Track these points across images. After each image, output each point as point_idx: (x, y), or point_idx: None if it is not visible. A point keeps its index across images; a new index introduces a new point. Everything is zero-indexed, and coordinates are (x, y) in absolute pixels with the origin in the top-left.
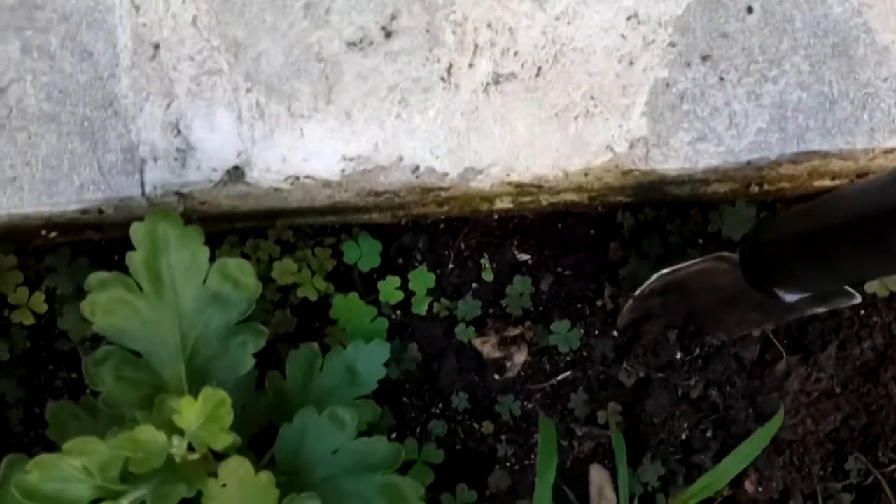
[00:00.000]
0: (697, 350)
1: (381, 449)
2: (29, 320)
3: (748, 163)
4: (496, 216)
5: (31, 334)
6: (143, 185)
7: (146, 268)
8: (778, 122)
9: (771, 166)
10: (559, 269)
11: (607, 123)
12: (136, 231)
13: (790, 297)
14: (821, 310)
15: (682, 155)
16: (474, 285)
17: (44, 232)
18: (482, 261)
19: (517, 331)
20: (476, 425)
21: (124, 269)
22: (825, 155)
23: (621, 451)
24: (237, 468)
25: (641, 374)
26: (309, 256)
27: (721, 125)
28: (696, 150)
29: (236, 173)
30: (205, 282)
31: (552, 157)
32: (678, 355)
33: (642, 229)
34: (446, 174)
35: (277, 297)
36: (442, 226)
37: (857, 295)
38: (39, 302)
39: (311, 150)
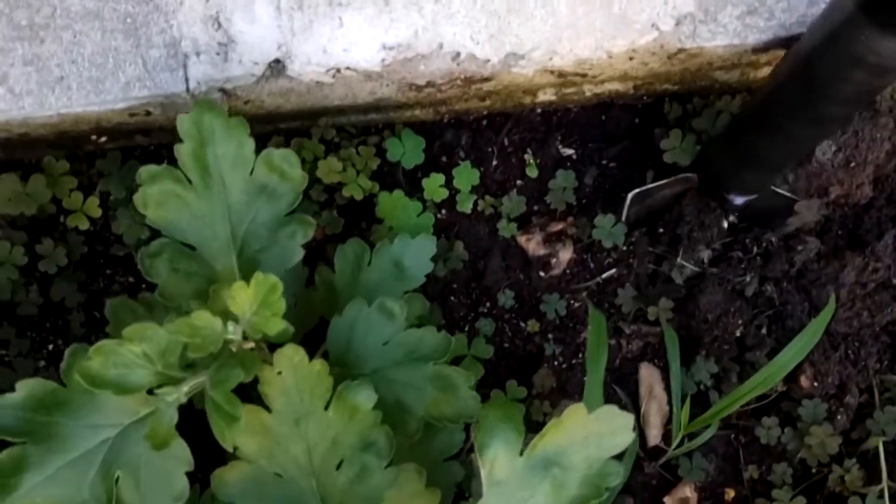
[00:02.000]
0: (752, 245)
1: (431, 339)
2: (84, 225)
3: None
4: (539, 110)
5: (87, 239)
6: (187, 80)
7: (194, 160)
8: None
9: None
10: (604, 162)
11: (652, 0)
12: (183, 122)
13: (738, 200)
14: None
15: (730, 30)
16: (519, 182)
17: (94, 137)
18: (526, 156)
19: (561, 226)
20: (523, 324)
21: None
22: None
23: (674, 347)
24: (292, 356)
25: (692, 269)
26: (353, 155)
27: None
28: (745, 24)
29: (278, 66)
30: (252, 173)
31: (595, 37)
32: (731, 252)
33: (689, 117)
34: (487, 60)
35: (323, 199)
36: (485, 122)
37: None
38: (94, 206)
39: (351, 40)
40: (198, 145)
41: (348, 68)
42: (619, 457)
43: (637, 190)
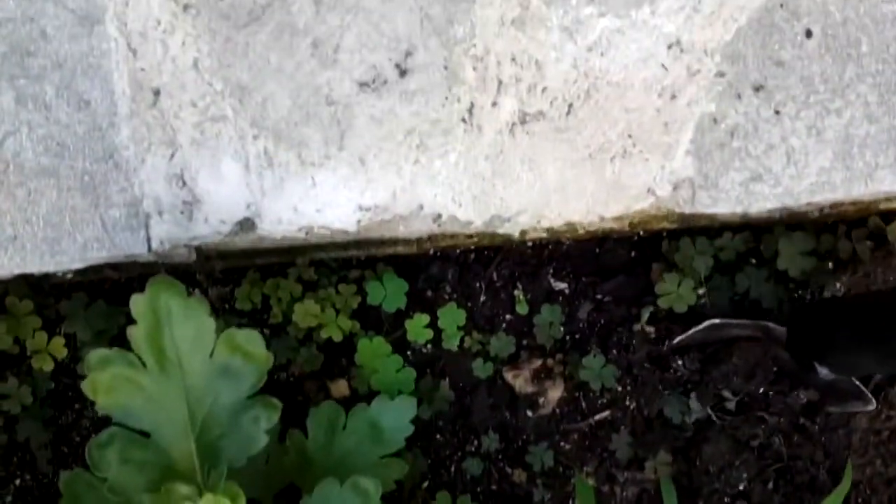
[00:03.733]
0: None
1: None
2: (49, 365)
3: (808, 204)
4: (530, 244)
5: (53, 374)
6: (148, 240)
7: (149, 342)
8: (843, 159)
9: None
10: (598, 296)
11: (648, 164)
12: (137, 303)
13: (827, 376)
14: (835, 409)
15: (733, 197)
16: (508, 317)
17: (59, 273)
18: (516, 292)
19: (549, 363)
20: (510, 469)
21: None
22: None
23: (671, 500)
24: None
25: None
26: (332, 295)
27: (778, 164)
28: (749, 191)
29: (247, 224)
30: (212, 355)
31: (586, 202)
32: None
33: (689, 253)
34: (470, 222)
35: (302, 335)
36: (472, 256)
37: (873, 400)
38: (59, 346)
39: (325, 201)
40: (153, 327)
41: (322, 227)
42: None
43: (716, 321)
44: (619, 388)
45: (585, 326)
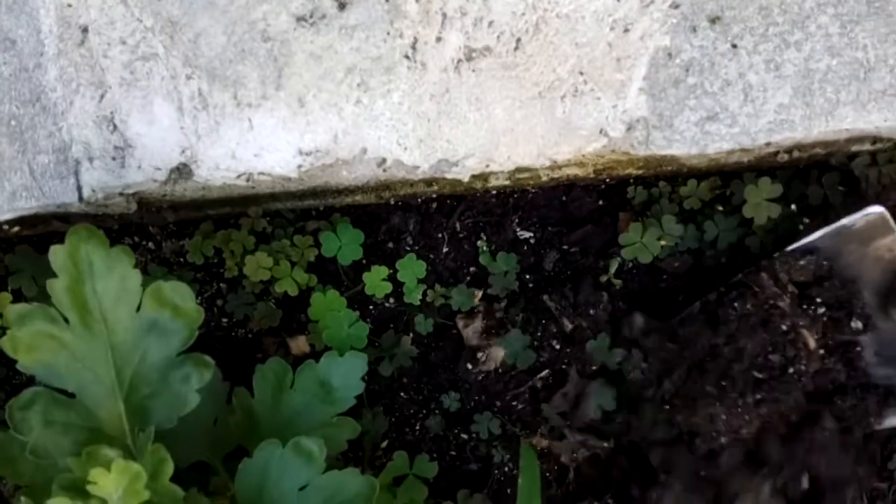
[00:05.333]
0: None
1: (353, 484)
2: None
3: (767, 144)
4: (494, 192)
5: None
6: (79, 189)
7: (71, 296)
8: (802, 95)
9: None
10: (565, 246)
11: (599, 103)
12: (56, 255)
13: None
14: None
15: (688, 138)
16: (472, 269)
17: (5, 227)
18: (479, 242)
19: (500, 315)
20: (469, 426)
21: None
22: (860, 134)
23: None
24: None
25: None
26: (287, 247)
27: (735, 101)
28: (704, 131)
29: (183, 171)
30: (138, 309)
31: (537, 144)
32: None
33: (653, 201)
34: (417, 167)
35: (259, 289)
36: (434, 206)
37: None
38: (6, 303)
39: (263, 145)
40: (74, 280)
41: (262, 173)
42: None
43: None
44: (573, 339)
45: (552, 276)
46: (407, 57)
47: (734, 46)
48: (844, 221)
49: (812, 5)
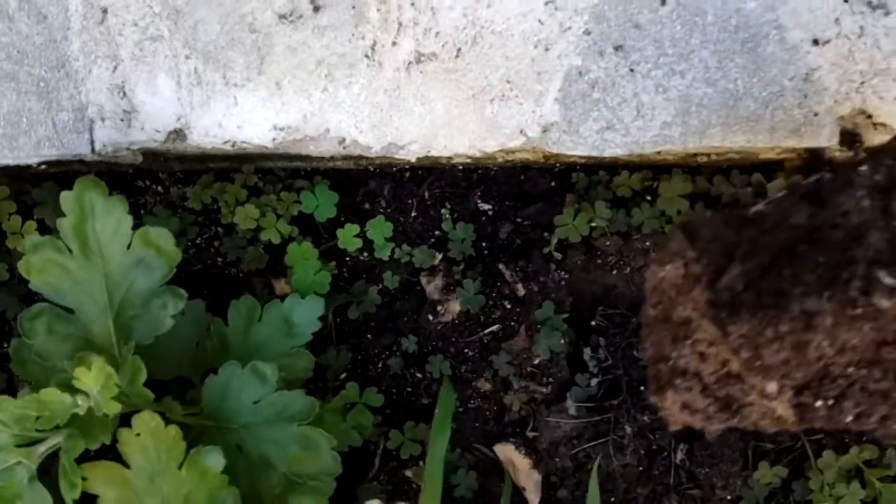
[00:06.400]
0: None
1: (299, 402)
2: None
3: (658, 153)
4: (461, 167)
5: None
6: (92, 143)
7: (75, 232)
8: (682, 115)
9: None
10: (519, 220)
11: (521, 108)
12: (65, 199)
13: None
14: None
15: (590, 142)
16: (437, 233)
17: (34, 165)
18: (443, 210)
19: (463, 276)
20: (426, 368)
21: None
22: (727, 151)
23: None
24: (149, 421)
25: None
26: (274, 201)
27: (629, 116)
28: (603, 138)
29: (178, 135)
30: (129, 247)
31: (469, 137)
32: None
33: (594, 187)
34: (370, 147)
35: (250, 235)
36: (407, 174)
37: None
38: (31, 229)
39: (245, 118)
40: (79, 220)
41: (243, 142)
42: None
43: None
44: (523, 301)
45: (505, 245)
46: (367, 56)
47: (632, 70)
48: None
49: (697, 42)
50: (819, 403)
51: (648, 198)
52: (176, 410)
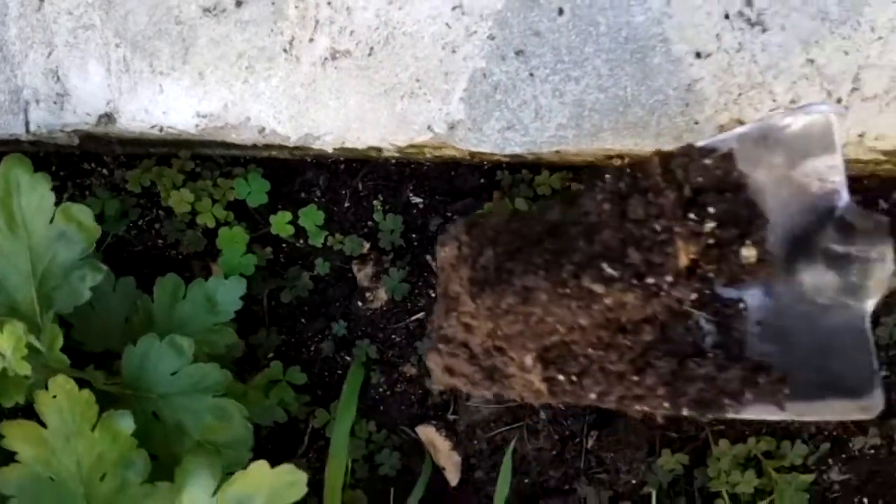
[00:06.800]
0: None
1: (213, 374)
2: None
3: (555, 153)
4: (394, 161)
5: None
6: (27, 124)
7: (1, 206)
8: (576, 119)
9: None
10: (448, 214)
11: (429, 105)
12: None
13: None
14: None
15: (492, 140)
16: (368, 223)
17: None
18: (375, 202)
19: (392, 265)
20: (352, 351)
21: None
22: (617, 153)
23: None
24: (64, 384)
25: None
26: (210, 187)
27: (528, 117)
28: (504, 137)
29: (108, 118)
30: (51, 221)
31: (380, 131)
32: None
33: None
34: (288, 137)
35: (189, 219)
36: (342, 166)
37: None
38: None
39: (170, 105)
40: (5, 194)
41: (169, 127)
42: None
43: None
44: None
45: (427, 236)
46: (285, 51)
47: (531, 75)
48: (777, 120)
49: (590, 50)
50: (563, 378)
51: None
52: (98, 378)
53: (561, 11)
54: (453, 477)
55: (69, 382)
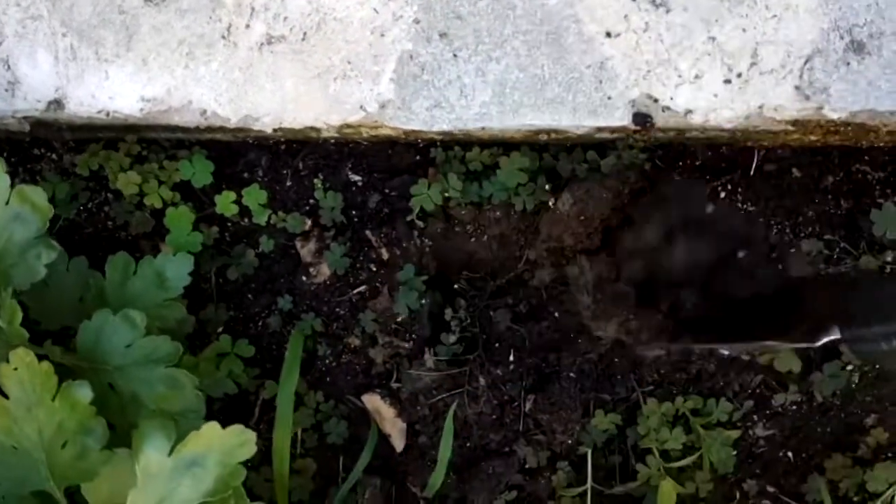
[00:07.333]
0: None
1: (165, 346)
2: None
3: (482, 129)
4: (333, 142)
5: None
6: None
7: None
8: (499, 97)
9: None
10: (386, 190)
11: (361, 86)
12: None
13: None
14: None
15: (421, 118)
16: (311, 201)
17: None
18: (315, 180)
19: (333, 240)
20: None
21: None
22: (539, 129)
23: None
24: (24, 356)
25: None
26: (156, 169)
27: (453, 95)
28: (432, 115)
29: (58, 104)
30: (7, 203)
31: (315, 111)
32: None
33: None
34: (229, 119)
35: (137, 201)
36: (283, 147)
37: None
38: None
39: (115, 91)
40: None
41: (115, 112)
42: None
43: None
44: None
45: (373, 213)
46: (223, 37)
47: (455, 56)
48: None
49: (509, 32)
50: None
51: (498, 171)
52: (55, 353)
53: None
54: (399, 443)
55: (29, 355)
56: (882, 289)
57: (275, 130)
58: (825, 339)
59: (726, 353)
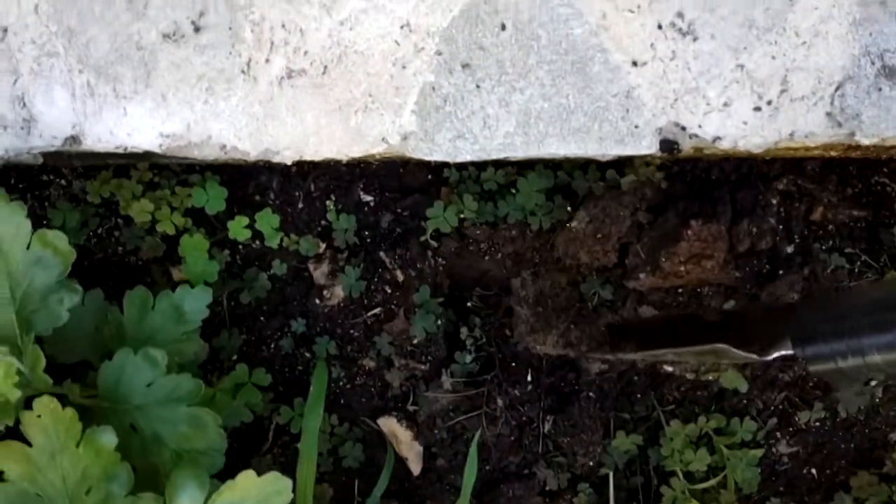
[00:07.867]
0: None
1: (187, 384)
2: None
3: (505, 159)
4: (343, 162)
5: None
6: None
7: None
8: (523, 127)
9: None
10: (399, 210)
11: (382, 118)
12: None
13: None
14: None
15: (444, 150)
16: (323, 223)
17: None
18: (328, 202)
19: (347, 262)
20: (312, 348)
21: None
22: (564, 158)
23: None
24: (48, 403)
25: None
26: (168, 195)
27: (476, 126)
28: (455, 146)
29: (74, 140)
30: (28, 247)
31: (336, 144)
32: None
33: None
34: (248, 153)
35: (148, 226)
36: (294, 169)
37: None
38: None
39: (134, 126)
40: None
41: (133, 147)
42: None
43: None
44: (402, 286)
45: (386, 233)
46: (243, 72)
47: (478, 87)
48: None
49: (534, 62)
50: None
51: (514, 191)
52: (75, 392)
53: (504, 27)
54: (416, 466)
55: (53, 402)
56: (837, 304)
57: (294, 163)
58: (776, 354)
59: (670, 368)
